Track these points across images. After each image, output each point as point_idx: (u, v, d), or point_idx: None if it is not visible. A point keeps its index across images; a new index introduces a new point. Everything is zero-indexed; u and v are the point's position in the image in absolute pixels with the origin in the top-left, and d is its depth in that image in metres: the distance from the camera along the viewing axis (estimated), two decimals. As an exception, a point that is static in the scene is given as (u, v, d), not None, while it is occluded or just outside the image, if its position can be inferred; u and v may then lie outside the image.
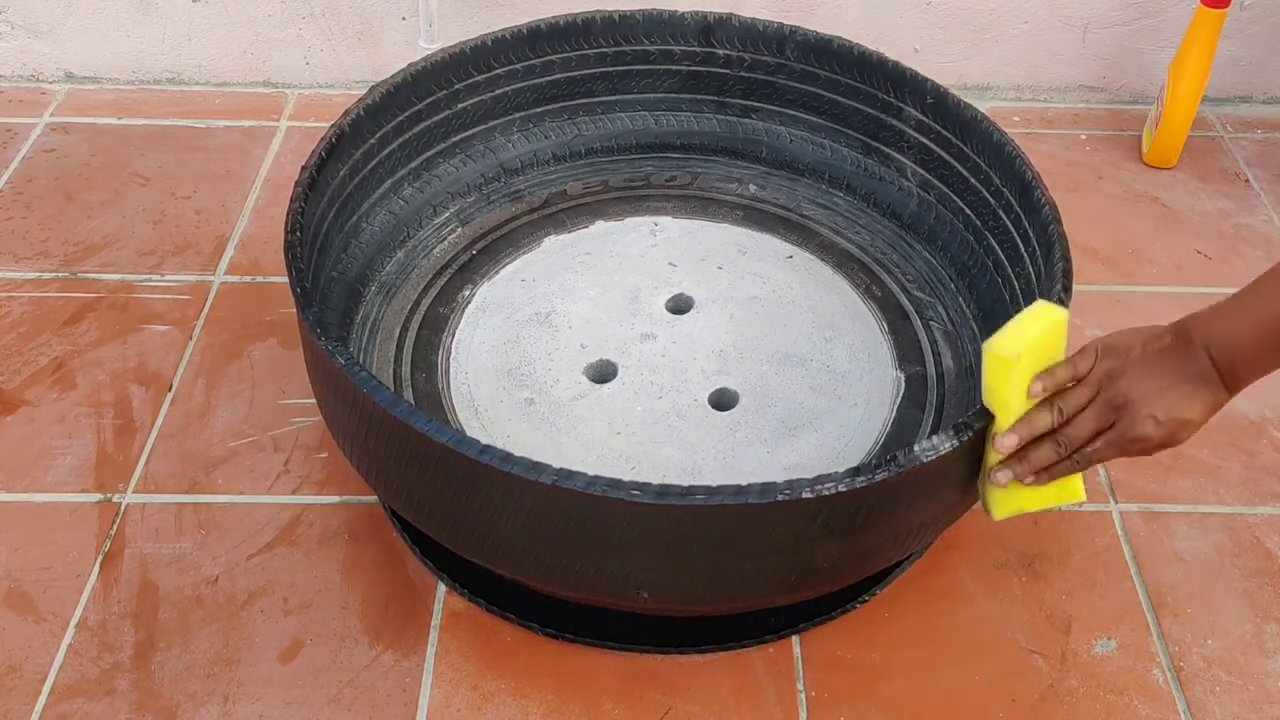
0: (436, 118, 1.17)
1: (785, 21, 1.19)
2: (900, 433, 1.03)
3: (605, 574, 0.83)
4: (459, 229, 1.21)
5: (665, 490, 0.75)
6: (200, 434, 1.13)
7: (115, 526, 1.05)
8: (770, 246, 1.21)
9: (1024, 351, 0.79)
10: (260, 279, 1.31)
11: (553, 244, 1.20)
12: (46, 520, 1.06)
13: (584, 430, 1.01)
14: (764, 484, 0.75)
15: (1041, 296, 0.96)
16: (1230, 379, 0.83)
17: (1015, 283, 1.06)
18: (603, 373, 1.07)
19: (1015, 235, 1.06)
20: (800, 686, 0.95)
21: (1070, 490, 0.84)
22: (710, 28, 1.21)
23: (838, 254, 1.20)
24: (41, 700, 0.92)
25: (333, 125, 1.04)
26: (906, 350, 1.10)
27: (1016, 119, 1.61)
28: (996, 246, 1.10)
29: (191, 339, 1.23)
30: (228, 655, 0.96)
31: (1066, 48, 1.59)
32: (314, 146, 1.02)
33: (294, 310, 0.91)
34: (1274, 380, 1.22)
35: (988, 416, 0.81)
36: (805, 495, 0.76)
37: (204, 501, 1.07)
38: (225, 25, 1.56)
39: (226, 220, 1.39)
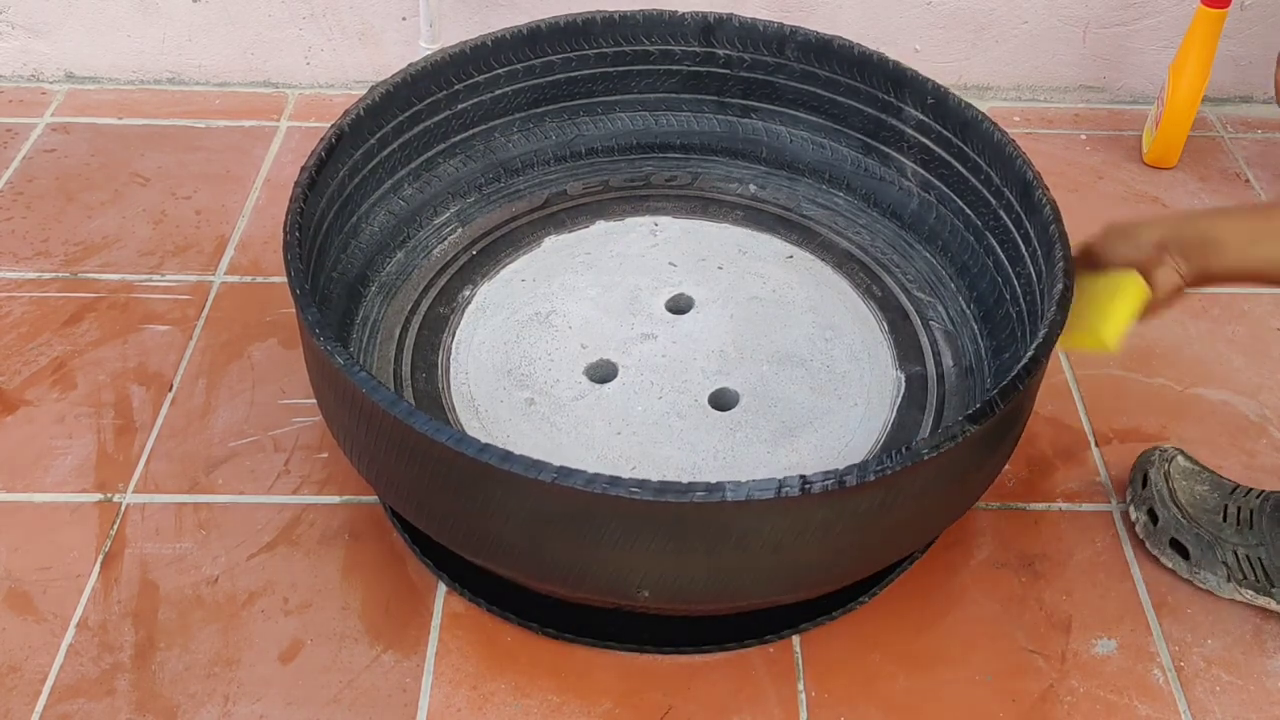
0: (436, 118, 1.17)
1: (785, 21, 1.19)
2: (900, 433, 1.03)
3: (605, 573, 0.83)
4: (459, 229, 1.21)
5: (664, 487, 0.75)
6: (200, 434, 1.13)
7: (115, 526, 1.05)
8: (770, 246, 1.21)
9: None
10: (260, 279, 1.31)
11: (553, 244, 1.20)
12: (46, 520, 1.06)
13: (584, 430, 1.01)
14: (764, 480, 0.75)
15: (1042, 296, 0.97)
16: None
17: (1016, 282, 1.06)
18: (603, 373, 1.07)
19: (1016, 235, 1.06)
20: (800, 686, 0.95)
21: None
22: (710, 28, 1.21)
23: (838, 254, 1.20)
24: (42, 700, 0.92)
25: (333, 125, 1.04)
26: (906, 350, 1.10)
27: (1017, 119, 1.61)
28: (997, 246, 1.10)
29: (192, 339, 1.23)
30: (228, 655, 0.96)
31: (1066, 48, 1.59)
32: (314, 146, 1.02)
33: (294, 310, 0.91)
34: (1273, 380, 1.23)
35: (986, 414, 0.81)
36: (806, 492, 0.76)
37: (204, 501, 1.07)
38: (225, 25, 1.56)
39: (227, 220, 1.40)
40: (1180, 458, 1.06)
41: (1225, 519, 1.00)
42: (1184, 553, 1.02)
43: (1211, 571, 1.00)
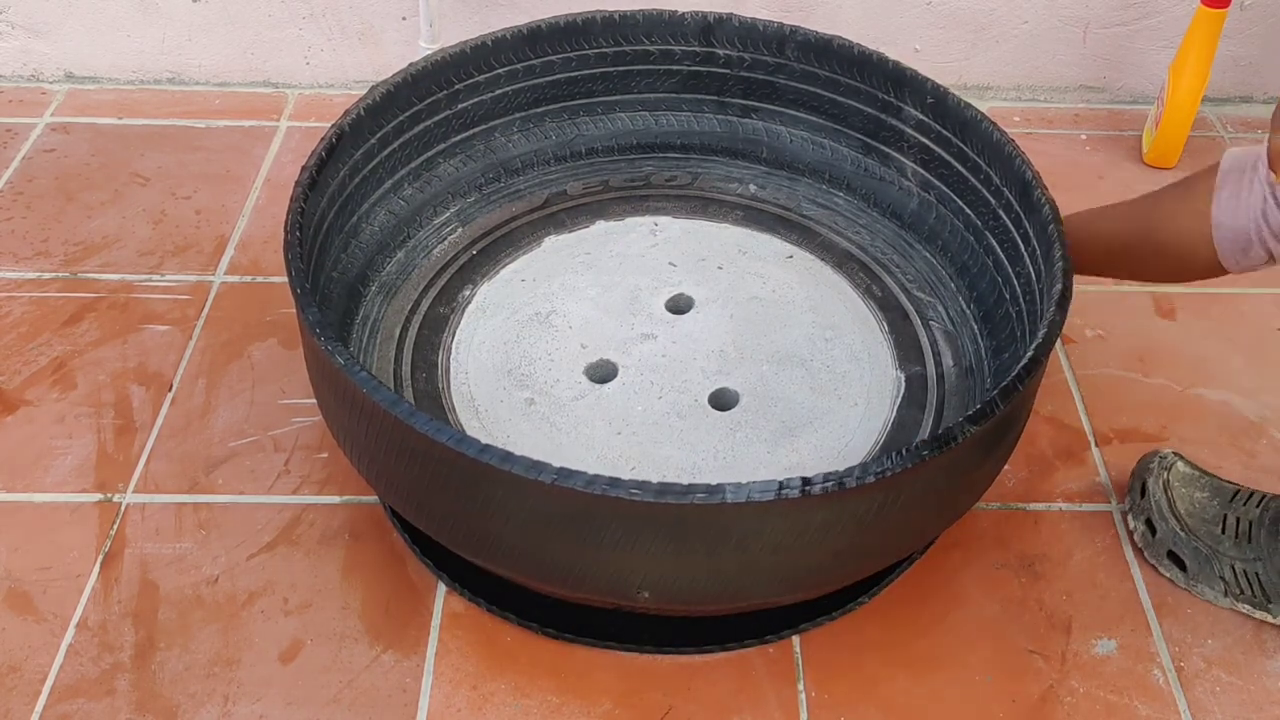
0: (437, 118, 1.17)
1: (785, 21, 1.19)
2: (900, 433, 1.03)
3: (605, 574, 0.83)
4: (459, 229, 1.21)
5: (665, 489, 0.75)
6: (200, 434, 1.13)
7: (115, 526, 1.05)
8: (770, 246, 1.21)
9: None
10: (260, 279, 1.31)
11: (553, 244, 1.20)
12: (46, 520, 1.06)
13: (584, 430, 1.01)
14: (764, 481, 0.75)
15: (1041, 296, 0.97)
16: None
17: (1015, 282, 1.06)
18: (603, 373, 1.07)
19: (1015, 235, 1.06)
20: (800, 687, 0.95)
21: None
22: (710, 28, 1.21)
23: (838, 254, 1.20)
24: (42, 700, 0.92)
25: (333, 125, 1.04)
26: (906, 350, 1.10)
27: (1017, 119, 1.61)
28: (996, 246, 1.10)
29: (191, 339, 1.23)
30: (228, 655, 0.96)
31: (1066, 48, 1.59)
32: (314, 146, 1.02)
33: (294, 310, 0.91)
34: (1273, 380, 1.23)
35: (987, 415, 0.81)
36: (806, 493, 0.76)
37: (204, 501, 1.07)
38: (225, 25, 1.56)
39: (226, 220, 1.39)
40: (1180, 464, 1.05)
41: (1224, 530, 1.00)
42: (1181, 565, 1.01)
43: (1209, 585, 1.00)
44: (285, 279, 0.91)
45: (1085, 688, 0.96)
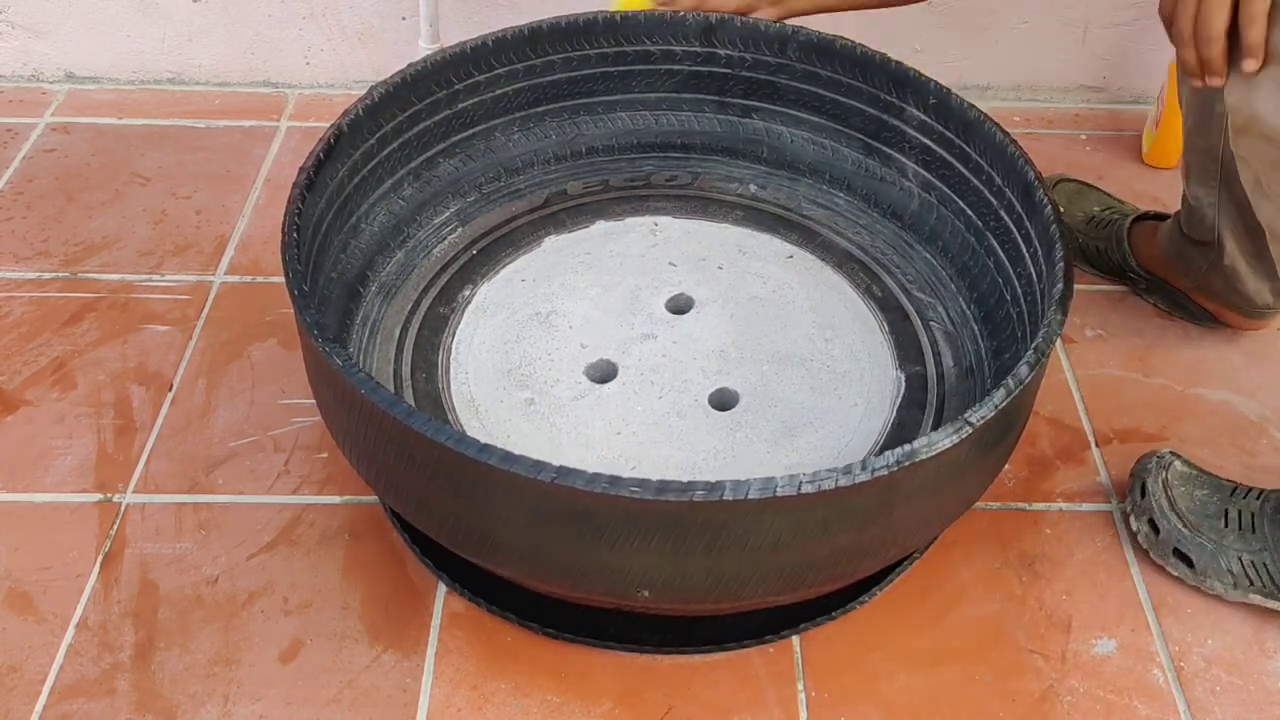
0: (436, 117, 1.17)
1: (786, 21, 1.19)
2: (900, 433, 1.03)
3: (605, 573, 0.83)
4: (459, 229, 1.21)
5: (664, 487, 0.75)
6: (200, 434, 1.13)
7: (115, 526, 1.05)
8: (770, 246, 1.21)
9: None
10: (260, 279, 1.31)
11: (553, 244, 1.20)
12: (46, 520, 1.06)
13: (584, 430, 1.01)
14: (764, 479, 0.75)
15: (1042, 297, 0.97)
16: None
17: (1016, 283, 1.06)
18: (603, 373, 1.07)
19: (1017, 235, 1.06)
20: (800, 686, 0.95)
21: None
22: (712, 28, 1.21)
23: (838, 254, 1.20)
24: (41, 700, 0.92)
25: (332, 125, 1.04)
26: (906, 350, 1.10)
27: (1017, 119, 1.61)
28: (998, 247, 1.10)
29: (191, 339, 1.23)
30: (228, 655, 0.96)
31: (1066, 48, 1.59)
32: (313, 147, 1.02)
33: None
34: (1273, 380, 1.23)
35: (986, 414, 0.81)
36: (805, 491, 0.76)
37: (204, 501, 1.07)
38: (225, 25, 1.57)
39: (227, 220, 1.40)
40: (1178, 463, 1.05)
41: (1227, 524, 1.00)
42: (1189, 561, 1.01)
43: (1218, 579, 1.00)
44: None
45: (1085, 687, 0.96)
